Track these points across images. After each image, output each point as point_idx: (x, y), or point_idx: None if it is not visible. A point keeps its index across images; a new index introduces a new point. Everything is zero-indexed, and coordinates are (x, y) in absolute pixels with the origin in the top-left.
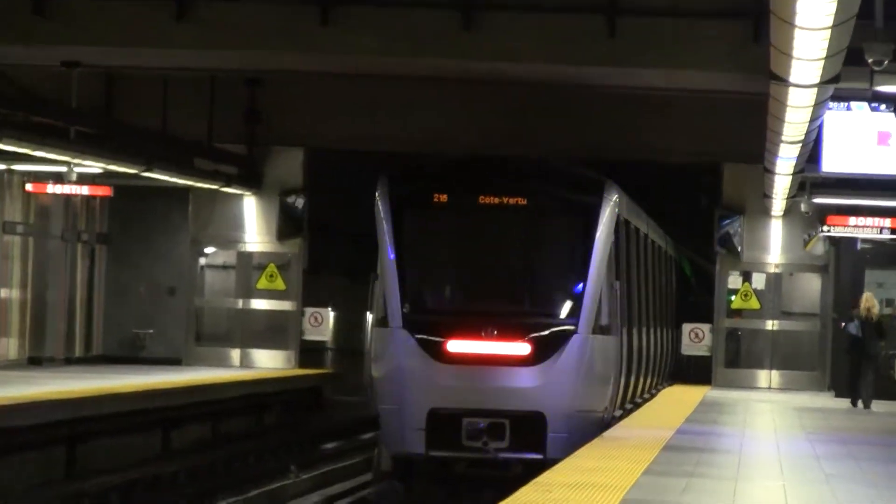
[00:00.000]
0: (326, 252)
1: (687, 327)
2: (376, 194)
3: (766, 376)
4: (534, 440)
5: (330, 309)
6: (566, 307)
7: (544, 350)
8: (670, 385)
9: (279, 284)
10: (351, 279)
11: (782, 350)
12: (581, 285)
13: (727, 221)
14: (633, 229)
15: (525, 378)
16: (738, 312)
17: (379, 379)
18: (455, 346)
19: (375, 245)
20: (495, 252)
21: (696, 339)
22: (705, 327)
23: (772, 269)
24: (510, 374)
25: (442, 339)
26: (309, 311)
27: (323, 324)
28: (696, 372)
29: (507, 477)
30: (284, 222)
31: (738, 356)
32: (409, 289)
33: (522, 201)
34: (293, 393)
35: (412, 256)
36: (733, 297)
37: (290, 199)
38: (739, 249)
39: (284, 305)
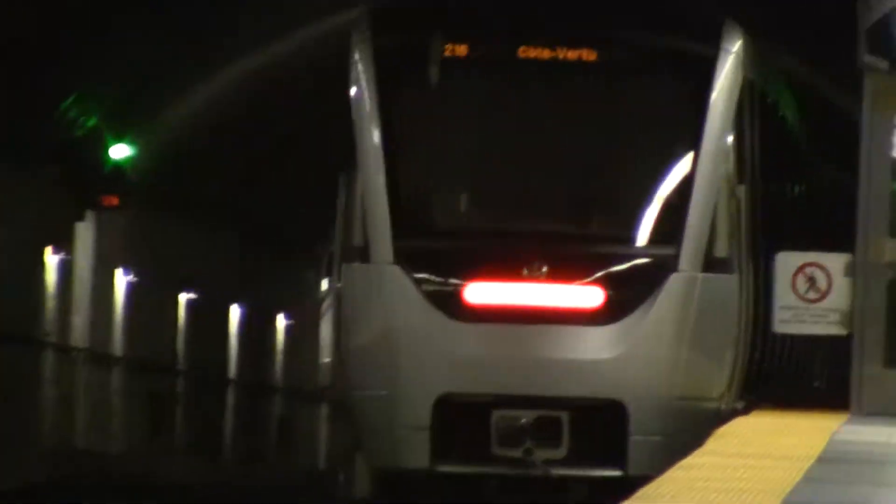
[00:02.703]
0: None
1: (787, 263)
2: (351, 44)
3: None
4: (608, 446)
5: None
6: (659, 229)
7: (625, 298)
8: (745, 407)
9: None
10: None
11: None
12: (684, 193)
13: None
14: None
15: (594, 345)
16: None
17: (353, 348)
18: (479, 292)
19: (345, 128)
20: (545, 139)
21: (813, 292)
22: (834, 263)
23: None
24: (570, 338)
25: (458, 282)
26: None
27: None
28: (807, 376)
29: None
30: None
31: None
32: (405, 200)
33: (590, 55)
34: None
35: (411, 147)
36: None
37: None
38: None
39: None
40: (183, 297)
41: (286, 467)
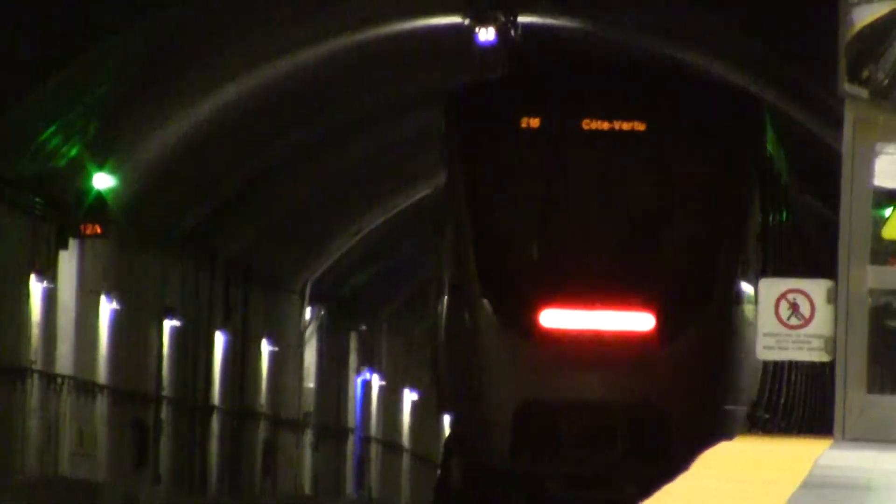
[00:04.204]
0: None
1: (770, 289)
2: (444, 117)
3: None
4: (656, 448)
5: None
6: (701, 268)
7: (671, 324)
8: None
9: None
10: None
11: None
12: (720, 238)
13: (868, 20)
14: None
15: (645, 362)
16: None
17: (447, 366)
18: (550, 318)
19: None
20: (604, 194)
21: (796, 318)
22: (817, 289)
23: None
24: (625, 357)
25: (533, 311)
26: None
27: None
28: (789, 404)
29: (619, 500)
30: None
31: None
32: (487, 243)
33: (641, 126)
34: None
35: (494, 202)
36: (889, 213)
37: None
38: None
39: None
40: (167, 324)
41: (271, 494)
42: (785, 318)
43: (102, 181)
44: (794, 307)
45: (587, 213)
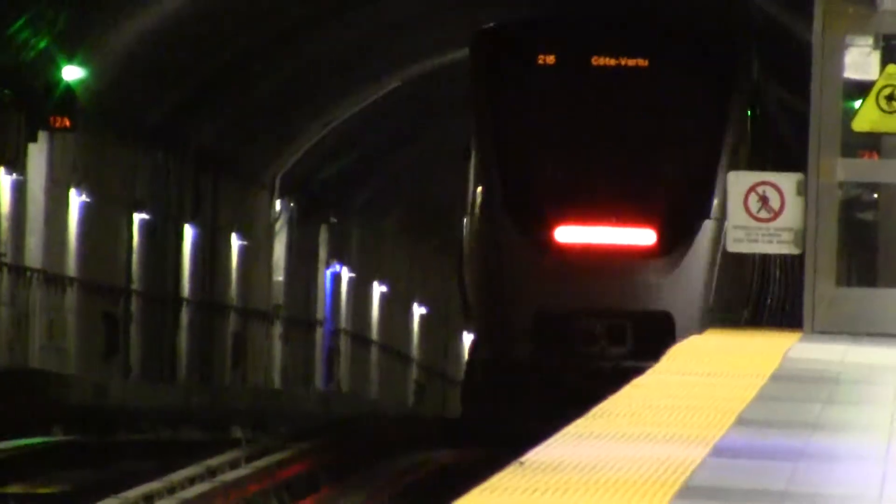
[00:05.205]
0: None
1: (739, 182)
2: (470, 54)
3: None
4: (661, 346)
5: None
6: (696, 188)
7: (671, 238)
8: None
9: None
10: None
11: None
12: (713, 162)
13: None
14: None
15: (649, 271)
16: (871, 143)
17: (474, 276)
18: (565, 234)
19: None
20: (611, 123)
21: (766, 212)
22: (786, 182)
23: None
24: (632, 266)
25: (550, 227)
26: None
27: None
28: (759, 297)
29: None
30: None
31: (873, 259)
32: (509, 167)
33: (643, 62)
34: None
35: (512, 132)
36: (859, 105)
37: None
38: None
39: None
40: (137, 217)
41: (241, 386)
42: (755, 210)
43: (71, 73)
44: (764, 200)
45: (596, 139)
